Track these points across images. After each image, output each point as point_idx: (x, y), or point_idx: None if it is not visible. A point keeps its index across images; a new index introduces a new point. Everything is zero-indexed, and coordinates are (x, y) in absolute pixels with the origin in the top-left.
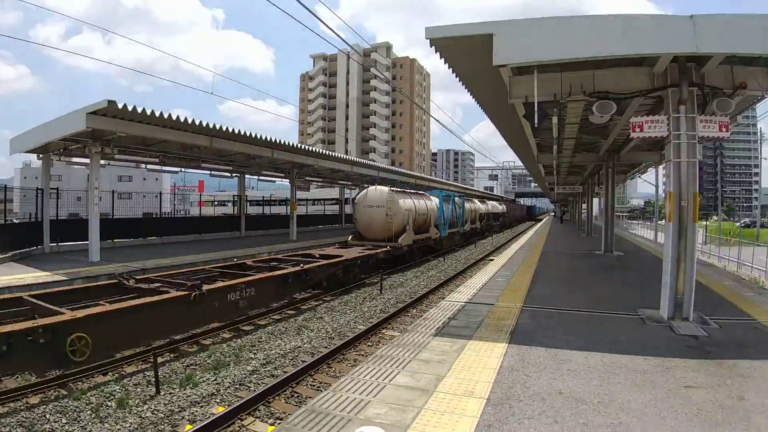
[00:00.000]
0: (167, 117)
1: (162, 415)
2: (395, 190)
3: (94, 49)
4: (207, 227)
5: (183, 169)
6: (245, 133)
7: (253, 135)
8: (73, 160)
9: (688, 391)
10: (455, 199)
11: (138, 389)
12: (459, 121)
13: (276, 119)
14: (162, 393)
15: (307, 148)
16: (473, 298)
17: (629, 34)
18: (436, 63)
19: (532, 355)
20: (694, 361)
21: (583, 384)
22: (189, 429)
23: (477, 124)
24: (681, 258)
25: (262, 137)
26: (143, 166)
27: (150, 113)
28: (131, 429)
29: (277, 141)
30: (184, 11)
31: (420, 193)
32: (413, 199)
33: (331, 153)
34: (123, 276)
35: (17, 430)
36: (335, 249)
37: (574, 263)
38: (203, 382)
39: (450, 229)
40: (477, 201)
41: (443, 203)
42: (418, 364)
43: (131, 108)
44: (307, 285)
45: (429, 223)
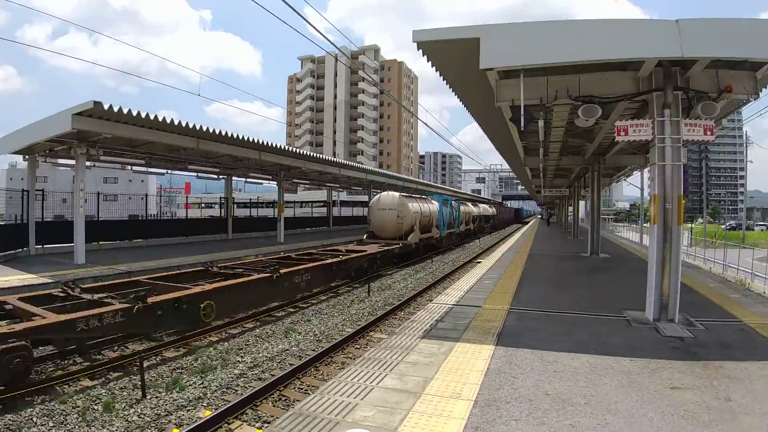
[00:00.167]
0: (153, 118)
1: (149, 419)
2: (405, 195)
3: (80, 50)
4: (194, 229)
5: (169, 171)
6: (232, 135)
7: (240, 137)
8: (59, 161)
9: (674, 393)
10: (452, 203)
11: (124, 393)
12: (447, 124)
13: (263, 121)
14: (148, 397)
15: (295, 150)
16: (461, 300)
17: (614, 38)
18: (423, 66)
19: (519, 357)
20: (680, 363)
21: (570, 385)
22: None
23: (464, 127)
24: (666, 260)
25: (249, 139)
26: (129, 167)
27: (136, 114)
28: None
29: (265, 143)
30: (171, 12)
31: (423, 198)
32: (419, 203)
33: (319, 155)
34: (208, 264)
35: None
36: (355, 246)
37: (560, 265)
38: (190, 385)
39: (448, 230)
40: (470, 204)
41: (442, 207)
42: (405, 366)
43: (117, 109)
44: (345, 273)
45: (432, 224)
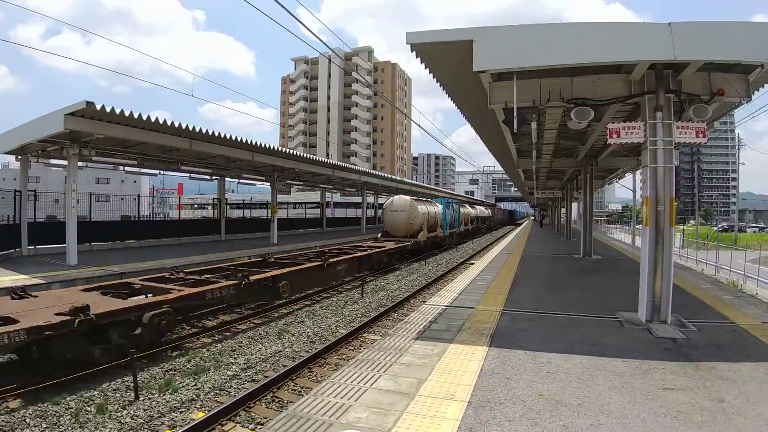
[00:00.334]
0: (146, 119)
1: (142, 421)
2: (414, 198)
3: (74, 50)
4: (186, 231)
5: (162, 172)
6: (225, 136)
7: (234, 138)
8: (51, 161)
9: (667, 393)
10: (453, 206)
11: (117, 394)
12: (440, 126)
13: (257, 122)
14: (141, 398)
15: (288, 151)
16: (454, 301)
17: (607, 41)
18: (417, 68)
19: (512, 358)
20: (672, 364)
21: (563, 386)
22: None
23: (458, 129)
24: (658, 261)
25: (242, 140)
26: (121, 168)
27: (129, 115)
28: None
29: (258, 144)
30: (164, 12)
31: (429, 201)
32: (426, 206)
33: (312, 156)
34: (266, 255)
35: None
36: (373, 242)
37: (553, 267)
38: (183, 387)
39: (450, 230)
40: (468, 206)
41: (445, 209)
42: (399, 367)
43: (110, 109)
44: (370, 265)
45: (437, 225)
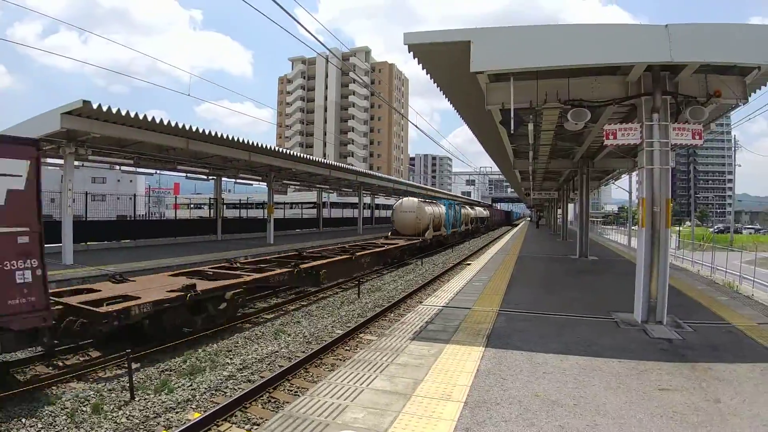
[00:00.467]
0: (143, 118)
1: (137, 421)
2: (422, 200)
3: (70, 49)
4: (183, 230)
5: (158, 171)
6: (222, 136)
7: (231, 137)
8: (47, 161)
9: (663, 394)
10: (455, 207)
11: (113, 395)
12: (437, 127)
13: (254, 122)
14: (137, 399)
15: (285, 151)
16: (450, 302)
17: (604, 43)
18: (414, 69)
19: (508, 359)
20: (668, 364)
21: (559, 387)
22: None
23: (455, 129)
24: (654, 263)
25: (239, 140)
26: (118, 167)
27: (125, 114)
28: None
29: (255, 144)
30: (161, 11)
31: (434, 202)
32: (432, 207)
33: (309, 157)
34: (300, 250)
35: None
36: (385, 240)
37: (549, 267)
38: (179, 387)
39: (453, 229)
40: (468, 207)
41: (448, 209)
42: (395, 368)
43: (106, 108)
44: (386, 260)
45: (441, 224)
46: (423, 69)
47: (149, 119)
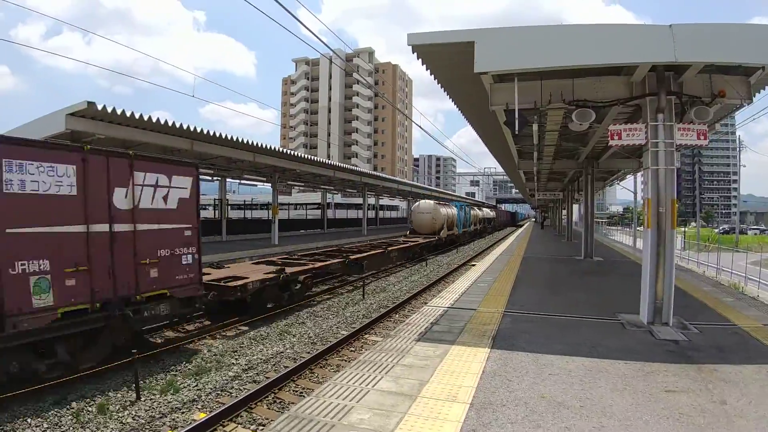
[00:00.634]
0: (147, 119)
1: (143, 421)
2: (437, 202)
3: (74, 50)
4: None
5: None
6: (227, 137)
7: (235, 138)
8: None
9: (669, 396)
10: (465, 208)
11: (118, 395)
12: (441, 127)
13: (258, 123)
14: (143, 399)
15: (289, 152)
16: (455, 303)
17: (608, 43)
18: (418, 70)
19: (514, 360)
20: (674, 366)
21: (565, 388)
22: None
23: (459, 130)
24: (660, 263)
25: (243, 141)
26: None
27: (130, 115)
28: None
29: (259, 145)
30: (165, 13)
31: (447, 204)
32: (445, 208)
33: (314, 158)
34: (340, 246)
35: None
36: (405, 238)
37: (554, 268)
38: (184, 388)
39: (463, 229)
40: (477, 209)
41: (459, 211)
42: (401, 369)
43: (111, 110)
44: (409, 255)
45: (453, 224)
46: (427, 70)
47: (154, 120)
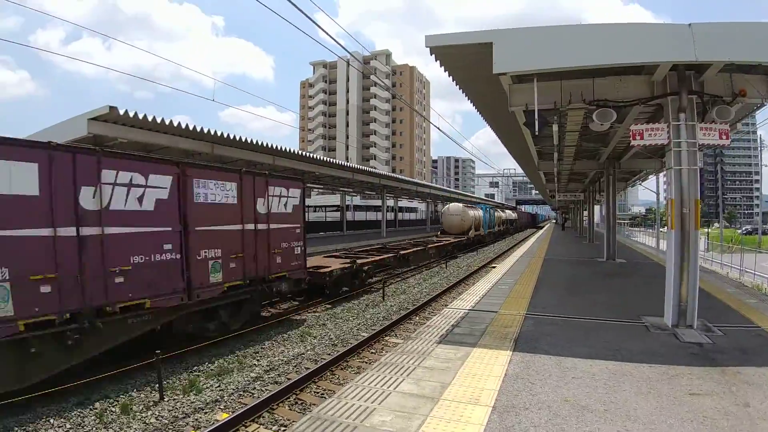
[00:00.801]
0: (168, 123)
1: (166, 421)
2: (465, 205)
3: (94, 55)
4: None
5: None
6: (247, 140)
7: (255, 141)
8: None
9: (693, 399)
10: (490, 210)
11: (142, 395)
12: (459, 129)
13: (276, 126)
14: (166, 399)
15: (308, 155)
16: (476, 305)
17: (628, 42)
18: (435, 71)
19: (536, 363)
20: (698, 369)
21: (589, 392)
22: None
23: (477, 131)
24: (684, 265)
25: (263, 144)
26: None
27: (151, 119)
28: None
29: (279, 148)
30: (184, 18)
31: (474, 207)
32: (473, 211)
33: (333, 160)
34: (384, 244)
35: None
36: (437, 238)
37: (576, 271)
38: (207, 388)
39: (488, 230)
40: (500, 210)
41: (485, 213)
42: (422, 371)
43: (132, 114)
44: (443, 253)
45: (480, 225)
46: (445, 71)
47: (175, 124)
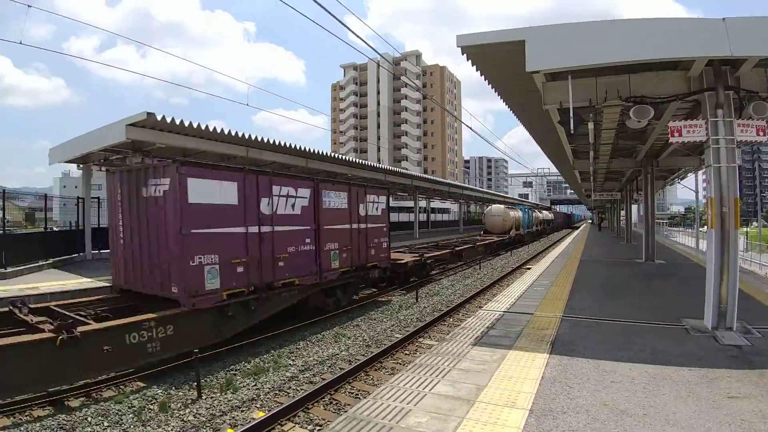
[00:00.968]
0: (204, 128)
1: (204, 419)
2: (506, 206)
3: (128, 62)
4: None
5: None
6: (280, 143)
7: (288, 144)
8: (113, 170)
9: (732, 402)
10: (528, 211)
11: (180, 393)
12: (491, 128)
13: (308, 129)
14: (203, 397)
15: (340, 157)
16: (512, 307)
17: (662, 37)
18: (466, 71)
19: (574, 366)
20: (738, 372)
21: (628, 396)
22: None
23: (509, 130)
24: (724, 266)
25: (296, 147)
26: None
27: (188, 125)
28: None
29: (311, 150)
30: (216, 25)
31: (514, 208)
32: (513, 212)
33: (364, 162)
34: (438, 242)
35: None
36: (481, 237)
37: (614, 272)
38: (243, 387)
39: (527, 229)
40: (537, 211)
41: (524, 213)
42: (458, 373)
43: (169, 119)
44: (490, 250)
45: (519, 225)
46: (477, 71)
47: (210, 129)
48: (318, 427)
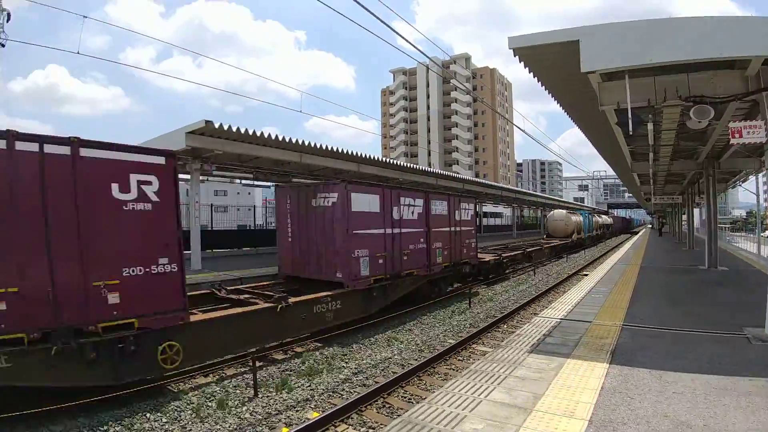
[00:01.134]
0: (260, 135)
1: (260, 417)
2: (567, 211)
3: (185, 73)
4: None
5: (274, 184)
6: (332, 149)
7: (340, 150)
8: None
9: None
10: (588, 216)
11: (237, 391)
12: (543, 131)
13: (358, 134)
14: (260, 396)
15: (391, 161)
16: (569, 314)
17: (719, 36)
18: (516, 72)
19: (635, 376)
20: None
21: (689, 407)
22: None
23: (563, 132)
24: None
25: (346, 152)
26: (237, 181)
27: (244, 132)
28: (231, 429)
29: (363, 155)
30: (268, 34)
31: (575, 212)
32: (574, 216)
33: (415, 166)
34: (507, 243)
35: (116, 427)
36: (545, 240)
37: (675, 279)
38: (298, 387)
39: (588, 233)
40: (597, 216)
41: (584, 218)
42: (513, 380)
43: (227, 127)
44: (554, 253)
45: (580, 229)
46: (530, 73)
47: (266, 136)
48: (371, 430)
